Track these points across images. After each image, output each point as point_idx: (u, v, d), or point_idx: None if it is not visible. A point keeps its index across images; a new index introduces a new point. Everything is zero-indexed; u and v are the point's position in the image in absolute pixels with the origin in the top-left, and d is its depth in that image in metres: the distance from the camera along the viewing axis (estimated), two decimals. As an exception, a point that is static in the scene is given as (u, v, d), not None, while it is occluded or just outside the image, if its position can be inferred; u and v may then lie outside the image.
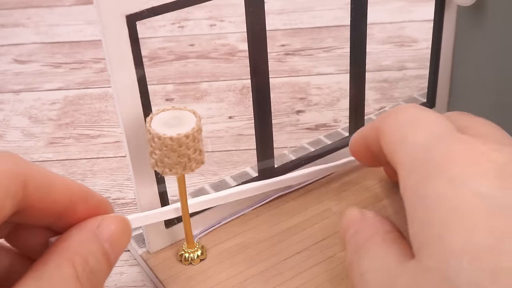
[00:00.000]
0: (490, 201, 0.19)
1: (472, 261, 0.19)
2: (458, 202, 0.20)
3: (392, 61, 0.54)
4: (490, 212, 0.19)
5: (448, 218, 0.20)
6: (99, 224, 0.23)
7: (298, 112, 0.47)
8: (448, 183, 0.20)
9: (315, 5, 0.65)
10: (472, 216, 0.19)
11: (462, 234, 0.19)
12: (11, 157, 0.22)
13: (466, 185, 0.20)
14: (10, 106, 0.51)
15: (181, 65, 0.55)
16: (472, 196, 0.20)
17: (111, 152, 0.45)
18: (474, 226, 0.19)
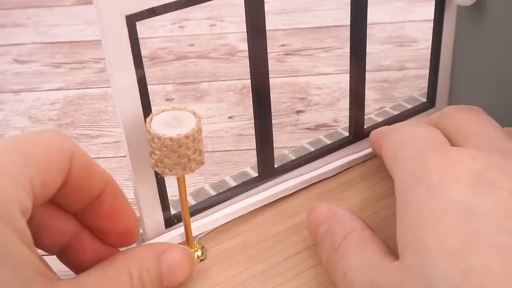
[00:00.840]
0: (463, 207, 0.21)
1: (446, 261, 0.20)
2: (435, 207, 0.22)
3: (392, 61, 0.54)
4: (462, 218, 0.21)
5: (427, 222, 0.22)
6: (166, 250, 0.26)
7: (298, 112, 0.47)
8: (427, 190, 0.23)
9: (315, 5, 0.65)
10: (446, 220, 0.21)
11: (438, 236, 0.21)
12: (59, 134, 0.24)
13: (443, 193, 0.22)
14: (10, 106, 0.51)
15: (181, 65, 0.55)
16: (447, 202, 0.22)
17: (111, 152, 0.45)
18: (448, 230, 0.21)
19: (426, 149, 0.25)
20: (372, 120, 0.37)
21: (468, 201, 0.21)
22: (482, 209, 0.21)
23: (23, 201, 0.21)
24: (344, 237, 0.26)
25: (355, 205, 0.32)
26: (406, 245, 0.22)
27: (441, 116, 0.30)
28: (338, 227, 0.27)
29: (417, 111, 0.38)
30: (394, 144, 0.27)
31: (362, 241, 0.26)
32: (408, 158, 0.25)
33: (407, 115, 0.37)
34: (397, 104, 0.39)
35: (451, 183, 0.22)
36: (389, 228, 0.31)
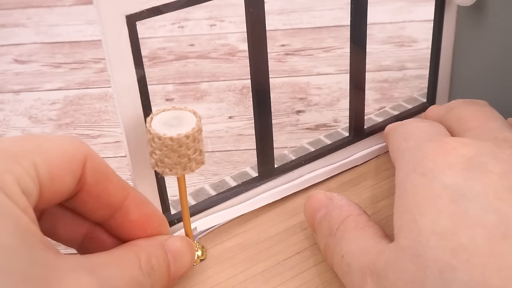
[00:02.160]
0: (454, 190, 0.23)
1: (437, 240, 0.22)
2: (429, 191, 0.23)
3: (392, 61, 0.54)
4: (452, 200, 0.22)
5: (421, 205, 0.23)
6: (167, 239, 0.27)
7: (298, 112, 0.47)
8: (422, 176, 0.24)
9: (315, 5, 0.65)
10: (438, 203, 0.23)
11: (430, 218, 0.23)
12: (74, 137, 0.24)
13: (436, 177, 0.24)
14: (10, 106, 0.51)
15: (181, 65, 0.55)
16: (440, 186, 0.23)
17: (111, 152, 0.45)
18: (440, 211, 0.22)
19: (425, 140, 0.26)
20: (372, 120, 0.37)
21: (459, 184, 0.23)
22: (472, 191, 0.22)
23: (24, 182, 0.21)
24: (341, 222, 0.27)
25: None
26: (401, 227, 0.24)
27: (447, 110, 0.31)
28: (335, 213, 0.28)
29: (417, 111, 0.38)
30: (398, 138, 0.29)
31: (358, 225, 0.27)
32: (408, 149, 0.27)
33: (407, 115, 0.37)
34: (397, 104, 0.39)
35: (444, 168, 0.24)
36: (390, 228, 0.31)
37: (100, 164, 0.25)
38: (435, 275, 0.21)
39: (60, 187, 0.23)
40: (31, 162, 0.22)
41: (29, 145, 0.22)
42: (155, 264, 0.25)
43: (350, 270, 0.26)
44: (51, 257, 0.21)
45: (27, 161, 0.22)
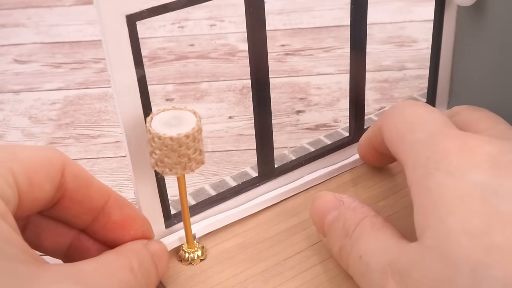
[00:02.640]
0: (484, 188, 0.22)
1: (469, 239, 0.21)
2: (457, 190, 0.23)
3: (392, 61, 0.54)
4: (484, 198, 0.22)
5: (449, 204, 0.22)
6: (147, 243, 0.27)
7: (298, 112, 0.47)
8: (448, 174, 0.23)
9: (315, 5, 0.65)
10: (469, 201, 0.22)
11: (460, 217, 0.22)
12: (50, 147, 0.25)
13: (464, 176, 0.23)
14: (10, 106, 0.51)
15: (181, 65, 0.55)
16: (469, 185, 0.22)
17: (111, 152, 0.45)
18: (470, 210, 0.22)
19: (436, 133, 0.26)
20: (372, 120, 0.37)
21: (489, 182, 0.22)
22: (503, 189, 0.22)
23: (1, 188, 0.21)
24: (357, 223, 0.27)
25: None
26: (426, 227, 0.23)
27: (450, 115, 0.31)
28: (349, 214, 0.27)
29: (417, 111, 0.38)
30: (400, 127, 0.27)
31: (376, 226, 0.26)
32: (419, 143, 0.26)
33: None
34: (397, 104, 0.39)
35: (471, 166, 0.23)
36: (389, 228, 0.31)
37: (79, 171, 0.25)
38: (465, 273, 0.21)
39: (40, 193, 0.23)
40: (8, 169, 0.22)
41: (5, 153, 0.22)
42: (147, 266, 0.25)
43: (369, 270, 0.25)
44: (32, 268, 0.20)
45: (3, 168, 0.21)
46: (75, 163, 0.25)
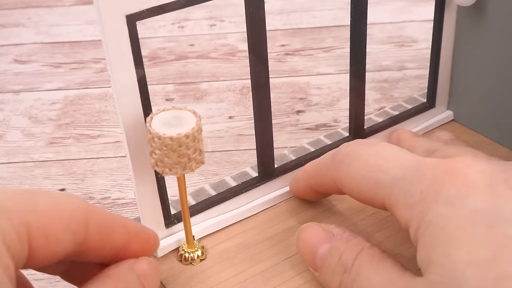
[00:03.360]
0: (487, 215, 0.21)
1: (476, 271, 0.20)
2: (458, 221, 0.21)
3: (392, 61, 0.54)
4: (488, 225, 0.21)
5: (452, 236, 0.21)
6: (133, 263, 0.25)
7: (298, 112, 0.47)
8: (448, 205, 0.22)
9: (315, 5, 0.65)
10: (473, 231, 0.21)
11: (465, 249, 0.21)
12: (75, 196, 0.24)
13: (464, 204, 0.22)
14: (10, 106, 0.51)
15: (181, 65, 0.55)
16: (471, 213, 0.21)
17: (111, 152, 0.45)
18: (475, 241, 0.21)
19: (415, 165, 0.24)
20: (372, 120, 0.37)
21: (490, 207, 0.21)
22: (506, 213, 0.21)
23: (11, 240, 0.20)
24: (355, 257, 0.25)
25: (354, 205, 0.32)
26: (431, 262, 0.22)
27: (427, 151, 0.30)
28: (343, 248, 0.26)
29: (417, 111, 0.38)
30: (364, 173, 0.26)
31: (374, 258, 0.25)
32: (398, 180, 0.24)
33: (407, 115, 0.37)
34: (397, 104, 0.39)
35: (469, 191, 0.22)
36: (389, 228, 0.31)
37: (104, 219, 0.24)
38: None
39: (57, 248, 0.22)
40: (24, 222, 0.21)
41: (25, 201, 0.21)
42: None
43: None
44: None
45: (19, 220, 0.21)
46: (97, 210, 0.24)
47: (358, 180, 0.26)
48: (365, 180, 0.25)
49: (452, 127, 0.38)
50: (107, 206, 0.39)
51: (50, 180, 0.42)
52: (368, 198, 0.26)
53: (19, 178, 0.42)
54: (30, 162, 0.44)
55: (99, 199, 0.40)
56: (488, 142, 0.37)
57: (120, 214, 0.39)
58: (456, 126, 0.38)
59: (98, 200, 0.40)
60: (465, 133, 0.38)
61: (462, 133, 0.38)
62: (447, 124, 0.39)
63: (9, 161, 0.44)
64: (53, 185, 0.41)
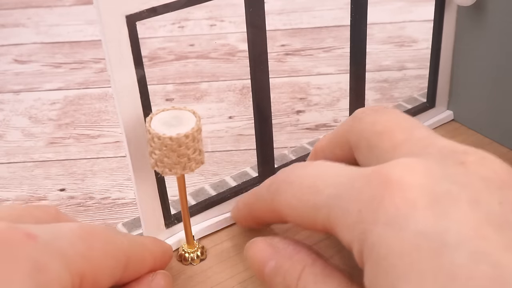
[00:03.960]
0: (431, 238, 0.19)
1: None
2: (403, 246, 0.19)
3: (392, 61, 0.54)
4: (434, 253, 0.19)
5: (398, 267, 0.19)
6: (152, 280, 0.26)
7: (298, 112, 0.47)
8: (387, 227, 0.20)
9: (315, 5, 0.65)
10: (418, 260, 0.19)
11: (412, 283, 0.19)
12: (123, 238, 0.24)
13: (405, 226, 0.19)
14: (10, 106, 0.51)
15: (181, 65, 0.55)
16: (414, 237, 0.19)
17: (111, 152, 0.45)
18: (423, 272, 0.18)
19: (350, 181, 0.22)
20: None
21: (433, 229, 0.19)
22: (452, 235, 0.19)
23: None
24: (298, 277, 0.24)
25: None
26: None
27: (352, 121, 0.26)
28: (287, 266, 0.24)
29: (417, 111, 0.38)
30: (301, 197, 0.23)
31: (318, 278, 0.23)
32: (336, 198, 0.22)
33: (407, 115, 0.37)
34: (397, 104, 0.39)
35: (409, 210, 0.19)
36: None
37: (138, 257, 0.25)
38: None
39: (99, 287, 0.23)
40: (80, 272, 0.21)
41: (83, 250, 0.22)
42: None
43: None
44: None
45: (76, 270, 0.21)
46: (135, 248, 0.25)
47: (297, 206, 0.24)
48: (303, 204, 0.23)
49: (452, 127, 0.38)
50: (107, 206, 0.39)
51: (50, 180, 0.42)
52: (309, 223, 0.23)
53: (19, 178, 0.43)
54: (30, 162, 0.44)
55: (99, 199, 0.40)
56: (488, 142, 0.37)
57: (120, 214, 0.39)
58: (456, 126, 0.38)
59: (98, 200, 0.40)
60: (465, 133, 0.38)
61: (462, 133, 0.38)
62: (447, 124, 0.39)
63: (9, 161, 0.44)
64: (53, 185, 0.41)
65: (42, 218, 0.24)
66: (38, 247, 0.20)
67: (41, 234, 0.21)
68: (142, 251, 0.25)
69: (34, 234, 0.21)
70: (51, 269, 0.20)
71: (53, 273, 0.20)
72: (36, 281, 0.19)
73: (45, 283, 0.20)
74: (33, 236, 0.20)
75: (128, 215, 0.39)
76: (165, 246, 0.28)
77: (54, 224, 0.23)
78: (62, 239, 0.21)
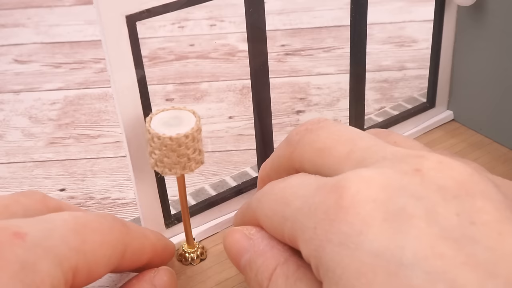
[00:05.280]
0: (387, 259, 0.18)
1: None
2: (358, 267, 0.18)
3: (392, 61, 0.54)
4: (390, 273, 0.18)
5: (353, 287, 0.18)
6: (154, 276, 0.26)
7: (298, 112, 0.47)
8: (342, 247, 0.19)
9: (315, 5, 0.65)
10: (374, 282, 0.18)
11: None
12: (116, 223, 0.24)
13: (359, 245, 0.19)
14: (10, 106, 0.51)
15: (181, 65, 0.55)
16: (369, 257, 0.18)
17: (111, 152, 0.45)
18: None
19: (311, 194, 0.21)
20: (372, 120, 0.37)
21: (389, 247, 0.18)
22: (407, 255, 0.18)
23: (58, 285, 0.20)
24: (269, 277, 0.23)
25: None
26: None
27: (289, 146, 0.25)
28: (260, 262, 0.23)
29: (417, 111, 0.38)
30: (274, 207, 0.23)
31: (289, 280, 0.22)
32: (298, 211, 0.21)
33: (407, 115, 0.37)
34: (397, 104, 0.39)
35: (363, 228, 0.19)
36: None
37: (137, 245, 0.25)
38: None
39: (93, 279, 0.23)
40: (72, 266, 0.21)
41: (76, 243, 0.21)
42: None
43: None
44: None
45: (68, 264, 0.21)
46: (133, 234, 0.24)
47: (270, 216, 0.23)
48: (274, 214, 0.23)
49: (452, 127, 0.38)
50: (107, 206, 0.39)
51: (50, 180, 0.42)
52: (279, 235, 0.23)
53: (19, 178, 0.42)
54: (30, 162, 0.44)
55: (99, 199, 0.40)
56: (488, 142, 0.37)
57: (120, 214, 0.39)
58: (456, 126, 0.38)
59: (98, 200, 0.40)
60: (465, 133, 0.38)
61: (462, 133, 0.38)
62: (447, 124, 0.39)
63: (9, 161, 0.44)
64: (53, 185, 0.41)
65: (30, 204, 0.24)
66: (27, 246, 0.20)
67: (30, 232, 0.21)
68: (142, 240, 0.25)
69: (22, 232, 0.20)
70: (40, 268, 0.20)
71: (43, 272, 0.20)
72: (23, 282, 0.19)
73: (33, 283, 0.19)
74: (22, 235, 0.20)
75: (128, 215, 0.39)
76: (168, 242, 0.28)
77: (47, 216, 0.22)
78: (54, 234, 0.21)
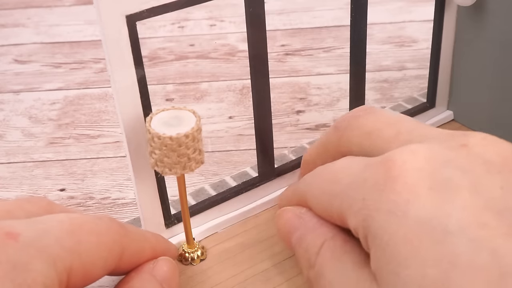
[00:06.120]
0: (433, 225, 0.19)
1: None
2: (405, 233, 0.19)
3: (392, 61, 0.54)
4: (435, 239, 0.19)
5: (400, 253, 0.19)
6: (153, 267, 0.26)
7: (298, 112, 0.47)
8: (389, 214, 0.20)
9: (315, 5, 0.65)
10: (420, 247, 0.19)
11: (415, 269, 0.19)
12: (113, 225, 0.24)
13: (406, 212, 0.20)
14: (10, 106, 0.51)
15: (181, 65, 0.55)
16: (415, 224, 0.19)
17: (111, 152, 0.45)
18: (424, 259, 0.19)
19: (361, 169, 0.22)
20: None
21: (435, 215, 0.19)
22: (453, 222, 0.19)
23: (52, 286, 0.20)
24: (317, 252, 0.24)
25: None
26: (382, 279, 0.20)
27: (338, 131, 0.27)
28: (309, 239, 0.25)
29: (417, 111, 0.38)
30: (322, 186, 0.24)
31: (335, 254, 0.23)
32: (347, 186, 0.22)
33: (407, 115, 0.37)
34: (397, 104, 0.39)
35: (410, 196, 0.20)
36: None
37: (136, 247, 0.25)
38: None
39: (90, 281, 0.22)
40: (67, 267, 0.21)
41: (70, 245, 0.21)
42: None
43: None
44: None
45: (63, 265, 0.21)
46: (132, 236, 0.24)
47: (318, 195, 0.24)
48: (324, 194, 0.24)
49: (452, 127, 0.38)
50: (107, 206, 0.39)
51: (50, 180, 0.42)
52: (327, 213, 0.24)
53: (19, 178, 0.43)
54: (30, 162, 0.44)
55: (99, 199, 0.40)
56: (488, 142, 0.37)
57: (120, 214, 0.39)
58: (456, 126, 0.38)
59: (98, 200, 0.40)
60: (465, 133, 0.38)
61: (462, 133, 0.38)
62: (447, 124, 0.39)
63: (9, 161, 0.44)
64: (53, 185, 0.41)
65: (33, 211, 0.24)
66: (19, 246, 0.20)
67: (23, 232, 0.20)
68: (141, 242, 0.25)
69: (15, 232, 0.20)
70: (32, 268, 0.20)
71: (35, 272, 0.20)
72: (14, 281, 0.19)
73: (25, 282, 0.19)
74: (14, 235, 0.20)
75: (128, 215, 0.39)
76: (169, 245, 0.28)
77: (42, 217, 0.22)
78: (48, 235, 0.21)
